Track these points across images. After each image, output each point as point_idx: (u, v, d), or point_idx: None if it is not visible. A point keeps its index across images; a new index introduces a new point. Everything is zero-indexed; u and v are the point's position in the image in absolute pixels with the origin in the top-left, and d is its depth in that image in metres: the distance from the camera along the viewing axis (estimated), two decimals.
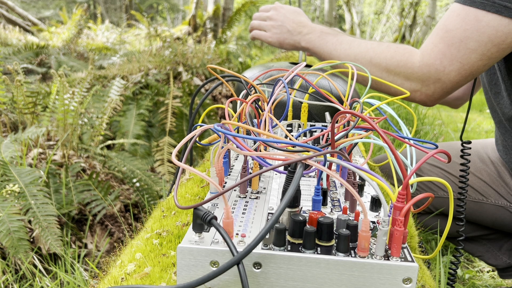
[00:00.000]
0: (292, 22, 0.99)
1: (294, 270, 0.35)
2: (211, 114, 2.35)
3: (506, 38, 0.75)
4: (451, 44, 0.79)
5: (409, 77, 0.84)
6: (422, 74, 0.82)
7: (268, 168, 0.36)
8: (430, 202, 0.44)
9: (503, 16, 0.74)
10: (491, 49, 0.77)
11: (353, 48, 0.91)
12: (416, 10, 10.04)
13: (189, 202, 0.60)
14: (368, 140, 0.47)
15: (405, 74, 0.84)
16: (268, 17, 1.03)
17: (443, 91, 0.83)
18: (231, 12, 4.88)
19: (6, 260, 1.10)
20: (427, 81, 0.83)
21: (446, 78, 0.81)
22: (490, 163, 1.03)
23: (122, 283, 0.43)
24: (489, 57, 0.78)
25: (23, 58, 2.79)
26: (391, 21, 12.37)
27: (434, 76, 0.81)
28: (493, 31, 0.75)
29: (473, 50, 0.77)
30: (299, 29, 0.98)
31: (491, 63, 0.79)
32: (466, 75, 0.80)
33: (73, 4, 9.44)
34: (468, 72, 0.80)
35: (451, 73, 0.80)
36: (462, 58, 0.79)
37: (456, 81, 0.81)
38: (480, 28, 0.76)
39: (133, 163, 1.61)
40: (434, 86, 0.83)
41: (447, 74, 0.80)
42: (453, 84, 0.82)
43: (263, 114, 0.52)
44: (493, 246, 1.12)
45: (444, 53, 0.80)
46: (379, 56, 0.87)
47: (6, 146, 1.26)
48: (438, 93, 0.84)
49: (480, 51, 0.77)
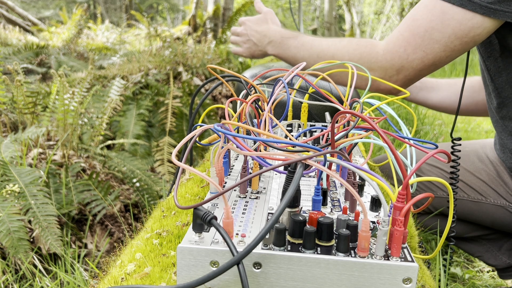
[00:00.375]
0: (256, 33, 1.03)
1: (294, 270, 0.35)
2: (211, 114, 2.35)
3: (469, 32, 0.77)
4: (416, 33, 0.81)
5: (372, 66, 0.85)
6: (386, 61, 0.84)
7: (268, 168, 0.36)
8: (430, 202, 0.44)
9: (467, 9, 0.76)
10: (454, 41, 0.78)
11: (314, 47, 0.93)
12: None
13: (189, 202, 0.60)
14: (368, 140, 0.47)
15: (368, 64, 0.86)
16: (239, 33, 1.09)
17: (406, 79, 0.85)
18: (231, 12, 4.87)
19: (6, 260, 1.10)
20: (390, 69, 0.84)
21: (409, 66, 0.83)
22: (489, 162, 1.03)
23: (122, 283, 0.43)
24: (452, 49, 0.80)
25: (23, 58, 2.79)
26: (391, 21, 12.37)
27: (398, 63, 0.83)
28: (457, 24, 0.77)
29: (437, 40, 0.79)
30: (262, 39, 1.02)
31: (454, 55, 0.81)
32: (429, 64, 0.82)
33: (73, 4, 9.44)
34: (431, 62, 0.82)
35: (414, 61, 0.82)
36: (426, 47, 0.80)
37: (419, 69, 0.83)
38: (445, 20, 0.78)
39: (133, 163, 1.61)
40: (397, 74, 0.84)
41: (410, 61, 0.82)
42: (416, 72, 0.83)
43: (263, 114, 0.52)
44: (493, 246, 1.12)
45: (408, 41, 0.82)
46: (341, 51, 0.89)
47: (6, 146, 1.26)
48: (401, 80, 0.85)
49: (443, 42, 0.79)
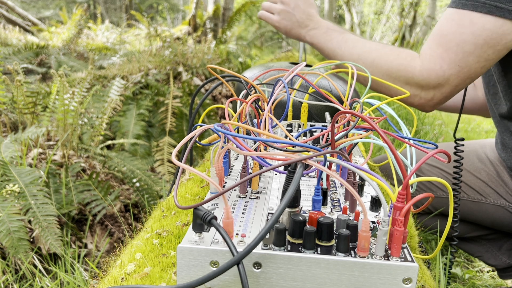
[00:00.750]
0: (302, 13, 0.97)
1: (294, 270, 0.35)
2: (211, 114, 2.35)
3: (501, 40, 0.76)
4: (448, 48, 0.79)
5: (409, 81, 0.84)
6: (422, 79, 0.83)
7: (268, 168, 0.36)
8: (430, 202, 0.44)
9: (495, 16, 0.74)
10: (487, 50, 0.77)
11: (357, 47, 0.91)
12: (416, 10, 10.03)
13: (189, 202, 0.60)
14: (368, 140, 0.47)
15: (405, 78, 0.84)
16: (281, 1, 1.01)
17: (442, 96, 0.84)
18: (231, 12, 4.88)
19: (6, 260, 1.10)
20: (426, 86, 0.83)
21: (446, 83, 0.81)
22: (489, 163, 1.03)
23: (122, 283, 0.43)
24: (486, 59, 0.78)
25: (23, 58, 2.79)
26: (391, 21, 12.37)
27: (434, 81, 0.82)
28: (488, 33, 0.76)
29: (470, 53, 0.78)
30: (306, 21, 0.96)
31: (488, 64, 0.79)
32: (465, 78, 0.81)
33: (73, 4, 9.44)
34: (467, 75, 0.80)
35: (450, 77, 0.81)
36: (460, 61, 0.79)
37: (455, 85, 0.82)
38: (475, 31, 0.76)
39: (133, 163, 1.61)
40: (433, 91, 0.83)
41: (446, 78, 0.81)
42: (452, 88, 0.82)
43: (263, 114, 0.52)
44: (493, 246, 1.12)
45: (442, 58, 0.80)
46: (382, 58, 0.88)
47: (6, 146, 1.26)
48: (438, 97, 0.84)
49: (477, 53, 0.77)
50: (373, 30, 13.42)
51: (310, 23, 0.96)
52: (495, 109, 0.97)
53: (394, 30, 11.46)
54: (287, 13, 0.99)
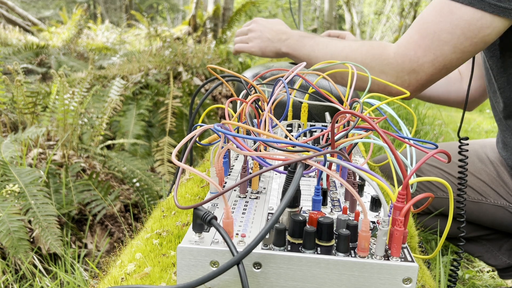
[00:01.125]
0: (271, 30, 1.01)
1: (294, 270, 0.35)
2: (211, 114, 2.35)
3: (479, 32, 0.76)
4: (425, 35, 0.80)
5: (384, 69, 0.85)
6: (397, 64, 0.83)
7: (268, 168, 0.36)
8: (430, 202, 0.44)
9: (476, 8, 0.74)
10: (463, 42, 0.77)
11: (329, 47, 0.93)
12: (416, 10, 10.03)
13: (189, 202, 0.60)
14: (368, 140, 0.47)
15: (380, 66, 0.85)
16: (249, 29, 1.07)
17: (418, 83, 0.84)
18: (231, 12, 4.88)
19: (6, 260, 1.10)
20: (401, 72, 0.84)
21: (420, 69, 0.82)
22: (489, 163, 1.03)
23: (122, 283, 0.43)
24: (462, 50, 0.78)
25: (23, 58, 2.79)
26: (391, 21, 12.37)
27: (408, 66, 0.82)
28: (465, 24, 0.76)
29: (446, 42, 0.78)
30: (278, 36, 1.00)
31: (465, 57, 0.80)
32: (440, 67, 0.81)
33: (73, 4, 9.44)
34: (442, 65, 0.81)
35: (424, 64, 0.81)
36: (436, 49, 0.79)
37: (430, 73, 0.82)
38: (453, 21, 0.77)
39: (133, 163, 1.61)
40: (409, 77, 0.83)
41: (421, 65, 0.81)
42: (428, 76, 0.83)
43: (263, 114, 0.52)
44: (493, 246, 1.12)
45: (418, 44, 0.81)
46: (354, 53, 0.89)
47: (6, 146, 1.26)
48: (414, 84, 0.84)
49: (453, 43, 0.78)
50: (373, 30, 13.41)
51: (282, 35, 1.00)
52: (496, 107, 0.97)
53: (394, 30, 11.46)
54: (258, 36, 1.04)
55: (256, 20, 1.07)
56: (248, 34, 1.07)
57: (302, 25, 1.53)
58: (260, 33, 1.03)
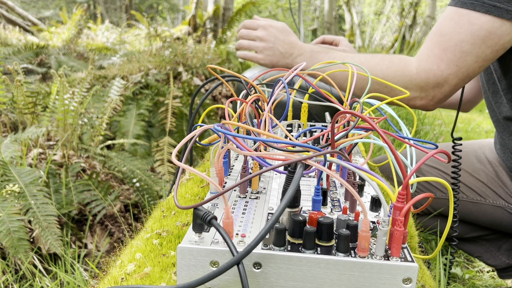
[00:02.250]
0: (284, 43, 0.97)
1: (294, 270, 0.35)
2: (211, 114, 2.35)
3: (499, 40, 0.76)
4: (446, 48, 0.80)
5: (407, 85, 0.84)
6: (421, 80, 0.83)
7: (268, 168, 0.36)
8: (430, 202, 0.44)
9: (494, 16, 0.74)
10: (485, 50, 0.77)
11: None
12: (416, 10, 10.03)
13: (189, 202, 0.60)
14: (368, 140, 0.47)
15: (403, 83, 0.85)
16: (258, 37, 1.00)
17: (443, 95, 0.84)
18: (231, 12, 4.88)
19: (6, 260, 1.10)
20: (425, 87, 0.83)
21: (445, 82, 0.82)
22: (488, 163, 1.03)
23: (122, 283, 0.43)
24: (484, 58, 0.79)
25: (23, 58, 2.79)
26: (391, 21, 12.37)
27: (433, 81, 0.82)
28: (486, 34, 0.76)
29: (469, 52, 0.78)
30: (290, 50, 0.96)
31: (486, 64, 0.80)
32: (463, 77, 0.81)
33: (73, 4, 9.44)
34: (465, 75, 0.81)
35: (449, 77, 0.81)
36: (458, 61, 0.79)
37: (454, 84, 0.82)
38: (474, 31, 0.77)
39: (133, 163, 1.61)
40: (433, 91, 0.83)
41: (445, 78, 0.81)
42: (452, 87, 0.83)
43: (263, 114, 0.52)
44: (492, 246, 1.12)
45: (440, 58, 0.80)
46: (374, 69, 0.87)
47: (6, 146, 1.26)
48: (438, 97, 0.84)
49: (475, 53, 0.78)
50: (373, 30, 13.41)
51: (294, 51, 0.96)
52: (495, 107, 0.97)
53: (394, 30, 11.45)
54: (270, 48, 0.98)
55: (265, 27, 1.00)
56: (256, 41, 1.01)
57: (302, 25, 1.53)
58: (272, 45, 0.97)
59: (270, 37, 0.98)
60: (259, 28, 1.01)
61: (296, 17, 1.51)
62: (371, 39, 12.29)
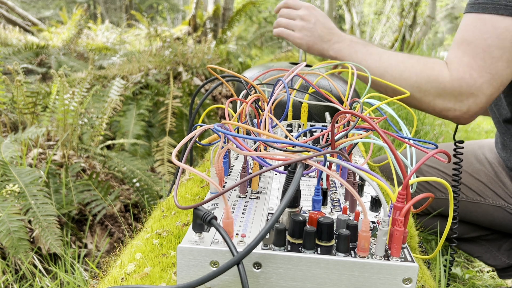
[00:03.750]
0: (323, 27, 0.94)
1: (294, 270, 0.35)
2: (211, 114, 2.35)
3: None
4: (475, 55, 0.76)
5: (441, 93, 0.80)
6: (454, 89, 0.79)
7: (268, 168, 0.36)
8: (430, 202, 0.44)
9: None
10: None
11: (383, 60, 0.88)
12: (416, 10, 10.03)
13: (189, 202, 0.60)
14: (368, 140, 0.47)
15: (436, 90, 0.81)
16: (299, 16, 0.97)
17: (478, 106, 0.79)
18: (231, 12, 4.88)
19: (6, 260, 1.10)
20: (460, 97, 0.79)
21: (479, 92, 0.77)
22: (487, 163, 1.03)
23: (122, 283, 0.43)
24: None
25: (23, 58, 2.79)
26: (391, 21, 12.36)
27: (466, 90, 0.78)
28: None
29: (499, 57, 0.75)
30: (329, 36, 0.93)
31: None
32: (497, 85, 0.77)
33: (73, 4, 9.44)
34: (499, 82, 0.77)
35: (483, 86, 0.77)
36: (490, 68, 0.76)
37: (489, 94, 0.78)
38: (500, 35, 0.74)
39: (133, 163, 1.61)
40: (468, 102, 0.79)
41: (479, 87, 0.77)
42: (487, 97, 0.78)
43: (263, 114, 0.52)
44: (492, 246, 1.12)
45: (471, 66, 0.77)
46: (409, 70, 0.84)
47: (6, 146, 1.26)
48: (473, 109, 0.80)
49: (505, 57, 0.75)
50: (373, 30, 13.41)
51: (332, 37, 0.93)
52: (495, 109, 0.97)
53: (394, 30, 11.45)
54: (309, 29, 0.95)
55: (308, 7, 0.96)
56: (296, 20, 0.97)
57: None
58: (313, 26, 0.94)
59: (311, 17, 0.95)
60: (301, 8, 0.98)
61: None
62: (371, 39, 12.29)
